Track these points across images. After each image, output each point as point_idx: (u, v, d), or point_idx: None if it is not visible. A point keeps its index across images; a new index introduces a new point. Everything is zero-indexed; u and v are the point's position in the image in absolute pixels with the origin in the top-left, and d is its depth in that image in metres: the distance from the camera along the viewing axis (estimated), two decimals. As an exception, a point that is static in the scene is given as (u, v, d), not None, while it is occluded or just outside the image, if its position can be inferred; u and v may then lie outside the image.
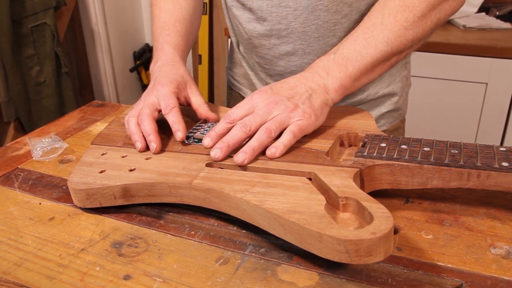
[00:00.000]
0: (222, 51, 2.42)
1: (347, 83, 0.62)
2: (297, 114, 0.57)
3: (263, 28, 0.75)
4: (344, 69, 0.62)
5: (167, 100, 0.63)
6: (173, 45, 0.74)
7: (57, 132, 0.78)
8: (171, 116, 0.62)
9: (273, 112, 0.57)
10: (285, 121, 0.57)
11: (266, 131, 0.55)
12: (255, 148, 0.55)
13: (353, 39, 0.63)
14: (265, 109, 0.57)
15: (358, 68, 0.62)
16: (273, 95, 0.59)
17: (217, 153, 0.55)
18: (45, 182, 0.64)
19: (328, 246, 0.41)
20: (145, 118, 0.62)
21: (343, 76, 0.62)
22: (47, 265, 0.48)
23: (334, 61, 0.62)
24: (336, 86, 0.61)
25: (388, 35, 0.62)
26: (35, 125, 1.85)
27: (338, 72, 0.62)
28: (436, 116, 1.72)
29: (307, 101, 0.59)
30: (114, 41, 2.46)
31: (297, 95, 0.59)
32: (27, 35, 1.83)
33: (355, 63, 0.62)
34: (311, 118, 0.58)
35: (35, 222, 0.55)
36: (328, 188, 0.48)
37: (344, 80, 0.62)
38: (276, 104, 0.58)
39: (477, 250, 0.47)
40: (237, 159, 0.54)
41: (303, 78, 0.62)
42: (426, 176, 0.50)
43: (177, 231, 0.52)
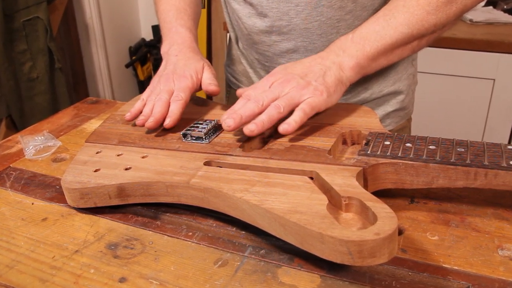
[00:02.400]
0: (220, 47, 2.42)
1: (364, 62, 0.63)
2: (308, 91, 0.59)
3: (263, 24, 0.75)
4: (361, 48, 0.62)
5: (181, 92, 0.68)
6: (189, 29, 0.78)
7: (50, 130, 0.78)
8: (174, 105, 0.66)
9: (285, 89, 0.60)
10: (295, 97, 0.58)
11: (276, 107, 0.58)
12: (265, 121, 0.57)
13: (374, 20, 0.64)
14: (278, 86, 0.60)
15: (376, 48, 0.63)
16: (287, 74, 0.61)
17: (229, 122, 0.57)
18: (38, 181, 0.64)
19: (330, 247, 0.41)
20: (160, 102, 0.66)
21: (359, 55, 0.62)
22: (39, 267, 0.48)
23: (352, 40, 0.63)
24: (352, 63, 0.62)
25: (410, 18, 0.62)
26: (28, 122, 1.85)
27: (355, 50, 0.62)
28: (441, 113, 1.72)
29: (320, 78, 0.60)
30: (109, 35, 2.45)
31: (311, 73, 0.61)
32: (19, 30, 1.83)
33: (374, 43, 0.62)
34: (322, 95, 0.59)
35: (28, 222, 0.55)
36: (330, 188, 0.48)
37: (360, 59, 0.62)
38: (289, 82, 0.60)
39: (484, 251, 0.47)
40: (246, 129, 0.57)
41: (318, 57, 0.63)
42: (432, 175, 0.50)
43: (174, 232, 0.52)
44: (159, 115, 0.65)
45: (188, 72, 0.70)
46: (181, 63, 0.72)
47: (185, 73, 0.70)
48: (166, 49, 0.76)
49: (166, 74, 0.71)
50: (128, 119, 0.69)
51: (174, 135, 0.64)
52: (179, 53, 0.74)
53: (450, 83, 1.68)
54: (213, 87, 0.70)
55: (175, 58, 0.73)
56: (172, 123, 0.64)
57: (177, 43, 0.75)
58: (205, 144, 0.61)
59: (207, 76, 0.72)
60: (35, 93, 1.93)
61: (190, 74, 0.70)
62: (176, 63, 0.72)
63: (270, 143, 0.59)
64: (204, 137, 0.61)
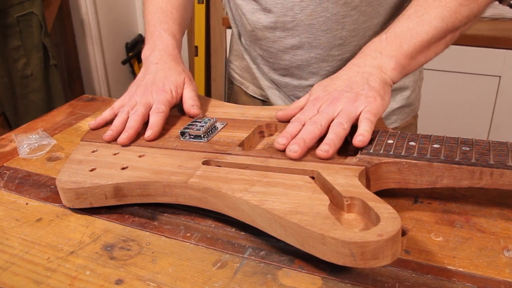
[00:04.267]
0: (219, 43, 2.42)
1: (404, 62, 0.62)
2: (361, 102, 0.57)
3: (267, 20, 0.75)
4: (398, 47, 0.61)
5: (161, 105, 0.66)
6: (172, 34, 0.76)
7: (44, 128, 0.78)
8: (154, 117, 0.65)
9: (337, 108, 0.58)
10: (352, 111, 0.57)
11: (339, 125, 0.56)
12: (335, 140, 0.54)
13: (406, 17, 0.63)
14: (329, 107, 0.58)
15: (414, 46, 0.61)
16: (332, 93, 0.60)
17: (294, 148, 0.54)
18: (32, 181, 0.64)
19: (332, 248, 0.41)
20: (136, 116, 0.65)
21: (398, 54, 0.61)
22: (34, 269, 0.48)
23: (387, 40, 0.62)
24: (393, 64, 0.61)
25: (443, 12, 0.62)
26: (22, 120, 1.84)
27: (392, 50, 0.61)
28: (446, 111, 1.72)
29: (366, 86, 0.59)
30: (105, 31, 2.45)
31: (355, 84, 0.59)
32: (13, 25, 1.83)
33: (410, 41, 0.61)
34: (376, 101, 0.57)
35: (22, 223, 0.55)
36: (332, 188, 0.48)
37: (400, 59, 0.61)
38: (338, 100, 0.58)
39: (490, 253, 0.47)
40: (321, 152, 0.54)
41: (355, 66, 0.62)
42: (436, 174, 0.50)
43: (172, 233, 0.52)
44: (132, 130, 0.63)
45: (167, 86, 0.69)
46: (160, 74, 0.71)
47: (164, 87, 0.69)
48: (147, 54, 0.75)
49: (144, 84, 0.70)
50: (91, 128, 0.68)
51: (171, 133, 0.64)
52: (160, 61, 0.72)
53: (455, 80, 1.68)
54: (195, 110, 0.69)
55: (155, 67, 0.72)
56: (153, 136, 0.63)
57: (158, 49, 0.74)
58: (204, 142, 0.61)
59: (189, 95, 0.71)
60: (29, 90, 1.93)
61: (169, 88, 0.69)
62: (156, 73, 0.71)
63: (270, 142, 0.59)
64: (202, 135, 0.61)
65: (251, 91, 0.92)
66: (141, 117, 0.65)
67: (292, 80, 0.82)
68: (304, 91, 0.82)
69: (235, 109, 0.70)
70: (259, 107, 0.70)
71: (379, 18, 0.74)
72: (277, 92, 0.85)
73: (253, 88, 0.92)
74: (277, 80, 0.84)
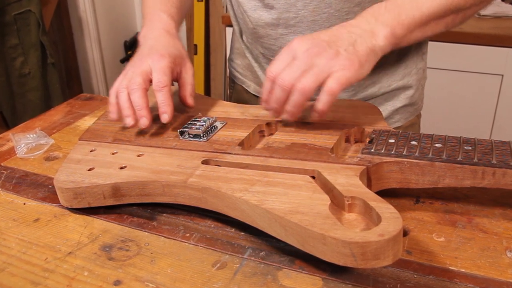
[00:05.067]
0: (219, 41, 2.41)
1: (399, 32, 0.60)
2: (338, 62, 0.55)
3: (270, 17, 0.75)
4: (396, 16, 0.60)
5: (161, 76, 0.62)
6: (170, 16, 0.74)
7: (42, 127, 0.78)
8: (161, 95, 0.61)
9: (313, 61, 0.55)
10: (323, 71, 0.54)
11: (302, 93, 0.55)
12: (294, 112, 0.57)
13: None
14: (303, 57, 0.56)
15: (413, 17, 0.60)
16: (313, 40, 0.57)
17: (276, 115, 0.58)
18: (30, 180, 0.64)
19: (332, 249, 0.41)
20: (137, 89, 0.61)
21: (394, 23, 0.59)
22: (32, 269, 0.48)
23: (386, 8, 0.60)
24: (386, 32, 0.59)
25: None
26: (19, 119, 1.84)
27: (389, 19, 0.60)
28: (448, 110, 1.72)
29: (350, 47, 0.56)
30: (103, 29, 2.45)
31: (339, 40, 0.57)
32: (11, 24, 1.83)
33: (410, 12, 0.60)
34: (353, 66, 0.55)
35: (19, 223, 0.55)
36: (332, 187, 0.48)
37: (395, 28, 0.59)
38: (316, 51, 0.56)
39: (492, 253, 0.47)
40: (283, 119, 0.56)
41: (347, 25, 0.60)
42: (438, 174, 0.50)
43: (171, 233, 0.52)
44: (144, 110, 0.60)
45: (165, 52, 0.64)
46: (159, 44, 0.67)
47: (161, 52, 0.64)
48: (144, 33, 0.71)
49: (139, 55, 0.66)
50: (115, 119, 0.64)
51: (171, 132, 0.64)
52: (159, 36, 0.69)
53: (456, 78, 1.68)
54: (192, 101, 0.66)
55: (152, 41, 0.68)
56: (170, 117, 0.61)
57: (157, 28, 0.71)
58: (203, 142, 0.61)
59: (189, 80, 0.67)
60: (26, 89, 1.93)
61: (168, 53, 0.64)
62: (153, 44, 0.67)
63: (271, 141, 0.59)
64: (202, 135, 0.61)
65: (252, 90, 0.92)
66: (142, 91, 0.61)
67: None
68: None
69: (235, 108, 0.70)
70: (259, 106, 0.70)
71: None
72: None
73: (255, 87, 0.92)
74: None
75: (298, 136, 0.59)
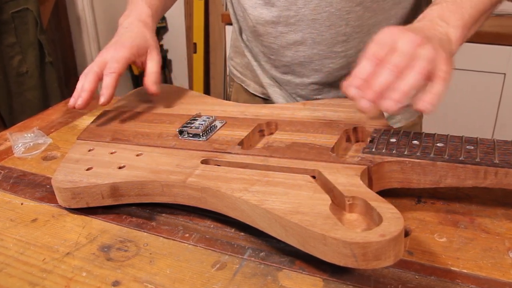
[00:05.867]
0: (219, 39, 2.41)
1: (465, 33, 0.61)
2: (441, 57, 0.53)
3: (270, 15, 0.75)
4: (461, 17, 0.60)
5: (113, 63, 0.68)
6: (149, 3, 0.80)
7: (40, 127, 0.78)
8: (107, 79, 0.67)
9: (419, 52, 0.52)
10: (434, 61, 0.52)
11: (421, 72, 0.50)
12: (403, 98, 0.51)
13: None
14: (410, 46, 0.52)
15: (473, 16, 0.61)
16: (412, 31, 0.53)
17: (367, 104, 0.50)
18: (28, 180, 0.64)
19: (333, 249, 0.41)
20: (90, 74, 0.68)
21: (461, 25, 0.60)
22: (29, 270, 0.48)
23: (449, 9, 0.61)
24: (458, 35, 0.59)
25: None
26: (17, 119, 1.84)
27: (456, 20, 0.60)
28: (449, 109, 1.72)
29: (441, 47, 0.54)
30: (102, 28, 2.45)
31: (433, 37, 0.55)
32: (8, 22, 1.83)
33: (470, 10, 0.61)
34: (450, 65, 0.54)
35: (17, 224, 0.55)
36: (333, 187, 0.48)
37: (463, 30, 0.60)
38: (421, 41, 0.52)
39: (495, 254, 0.47)
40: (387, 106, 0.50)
41: (425, 26, 0.58)
42: (440, 174, 0.50)
43: (170, 233, 0.52)
44: (86, 93, 0.66)
45: (128, 43, 0.70)
46: (126, 35, 0.73)
47: (124, 43, 0.70)
48: (121, 21, 0.78)
49: (108, 46, 0.72)
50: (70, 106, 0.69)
51: (170, 132, 0.64)
52: (130, 25, 0.75)
53: (458, 77, 1.67)
54: (155, 88, 0.71)
55: (124, 30, 0.74)
56: (105, 100, 0.66)
57: (131, 16, 0.77)
58: (203, 141, 0.61)
59: (152, 69, 0.72)
60: (24, 88, 1.93)
61: (130, 45, 0.70)
62: (122, 34, 0.73)
63: (271, 141, 0.59)
64: (201, 134, 0.61)
65: (252, 89, 0.92)
66: (94, 76, 0.67)
67: (294, 77, 0.81)
68: (306, 89, 0.82)
69: (235, 107, 0.70)
70: (259, 105, 0.70)
71: (384, 14, 0.74)
72: (279, 90, 0.85)
73: (254, 86, 0.92)
74: (279, 78, 0.84)
75: (299, 135, 0.59)
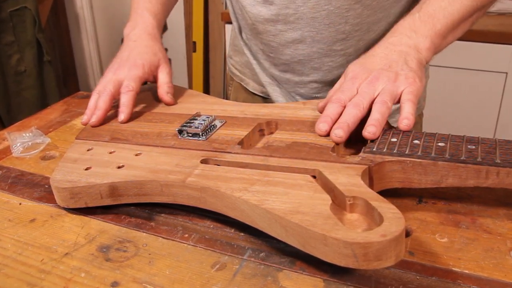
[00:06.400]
0: (218, 38, 2.41)
1: (437, 42, 0.63)
2: (402, 83, 0.58)
3: (269, 13, 0.75)
4: (432, 27, 0.63)
5: (130, 82, 0.70)
6: (154, 14, 0.81)
7: (38, 126, 0.78)
8: (124, 97, 0.69)
9: (378, 87, 0.58)
10: (393, 91, 0.57)
11: (383, 103, 0.56)
12: (380, 120, 0.55)
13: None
14: (369, 87, 0.58)
15: (446, 25, 0.63)
16: (370, 71, 0.60)
17: (339, 133, 0.55)
18: (26, 180, 0.64)
19: (334, 249, 0.41)
20: (105, 94, 0.69)
21: (432, 34, 0.63)
22: (27, 271, 0.48)
23: (420, 19, 0.64)
24: (427, 44, 0.62)
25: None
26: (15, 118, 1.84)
27: (426, 30, 0.63)
28: (451, 108, 1.72)
29: (405, 66, 0.60)
30: (100, 26, 2.45)
31: (394, 63, 0.60)
32: (6, 21, 1.83)
33: (443, 20, 0.63)
34: (416, 82, 0.58)
35: (15, 224, 0.55)
36: (334, 187, 0.48)
37: (434, 38, 0.63)
38: (378, 79, 0.59)
39: (496, 254, 0.47)
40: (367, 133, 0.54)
41: (390, 45, 0.63)
42: (441, 173, 0.50)
43: (170, 233, 0.52)
44: (101, 111, 0.68)
45: (140, 61, 0.72)
46: (136, 51, 0.74)
47: (136, 62, 0.72)
48: (127, 32, 0.79)
49: (119, 62, 0.74)
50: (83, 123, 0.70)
51: (169, 131, 0.64)
52: (138, 39, 0.76)
53: (460, 76, 1.68)
54: (169, 99, 0.73)
55: (133, 44, 0.76)
56: (125, 118, 0.68)
57: (138, 28, 0.78)
58: (202, 141, 0.61)
59: (164, 80, 0.75)
60: (22, 87, 1.93)
61: (142, 63, 0.72)
62: (132, 50, 0.75)
63: (271, 140, 0.59)
64: (201, 133, 0.61)
65: (251, 88, 0.92)
66: (109, 96, 0.69)
67: (293, 76, 0.82)
68: (306, 87, 0.82)
69: (234, 107, 0.70)
70: (259, 105, 0.70)
71: (384, 12, 0.74)
72: (278, 88, 0.85)
73: (253, 85, 0.92)
74: (278, 76, 0.84)
75: (299, 135, 0.59)
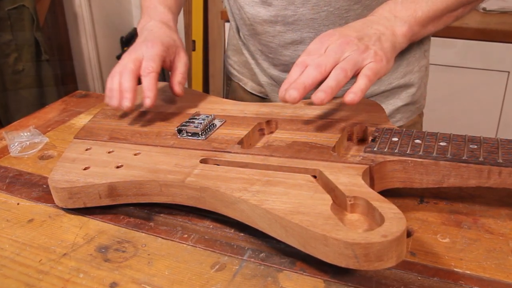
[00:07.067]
0: (218, 37, 2.41)
1: (415, 29, 0.64)
2: (369, 56, 0.58)
3: (267, 14, 0.75)
4: (413, 13, 0.63)
5: (149, 62, 0.65)
6: (168, 7, 0.78)
7: (36, 126, 0.78)
8: (146, 80, 0.64)
9: (345, 53, 0.58)
10: (358, 61, 0.57)
11: (342, 71, 0.56)
12: (333, 88, 0.55)
13: None
14: (337, 49, 0.58)
15: (428, 13, 0.64)
16: (342, 36, 0.60)
17: (292, 94, 0.54)
18: (24, 180, 0.63)
19: (334, 250, 0.41)
20: (127, 73, 0.64)
21: (411, 20, 0.63)
22: (25, 271, 0.48)
23: (402, 4, 0.64)
24: (405, 29, 0.62)
25: None
26: (13, 117, 1.84)
27: (406, 15, 0.63)
28: (452, 108, 1.72)
29: (377, 43, 0.60)
30: (99, 25, 2.45)
31: (366, 36, 0.60)
32: (4, 19, 1.83)
33: (425, 8, 0.63)
34: (382, 61, 0.58)
35: (13, 224, 0.55)
36: (334, 187, 0.48)
37: (412, 24, 0.63)
38: (348, 44, 0.58)
39: (498, 255, 0.47)
40: (316, 98, 0.54)
41: (369, 21, 0.63)
42: (442, 173, 0.50)
43: (169, 234, 0.52)
44: (130, 93, 0.63)
45: (159, 40, 0.68)
46: (154, 34, 0.71)
47: (155, 40, 0.68)
48: (142, 25, 0.75)
49: (135, 44, 0.70)
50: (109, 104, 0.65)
51: (168, 131, 0.64)
52: (154, 27, 0.73)
53: (461, 75, 1.68)
54: (180, 89, 0.69)
55: (149, 32, 0.72)
56: (152, 102, 0.63)
57: (154, 20, 0.75)
58: (202, 140, 0.60)
59: (180, 69, 0.70)
60: (20, 86, 1.93)
61: (161, 41, 0.68)
62: (149, 34, 0.71)
63: (271, 140, 0.59)
64: (200, 133, 0.61)
65: (249, 88, 0.92)
66: (132, 74, 0.64)
67: None
68: None
69: (234, 106, 0.70)
70: (258, 104, 0.70)
71: None
72: (277, 88, 0.85)
73: (252, 85, 0.92)
74: (277, 77, 0.84)
75: (299, 134, 0.59)
